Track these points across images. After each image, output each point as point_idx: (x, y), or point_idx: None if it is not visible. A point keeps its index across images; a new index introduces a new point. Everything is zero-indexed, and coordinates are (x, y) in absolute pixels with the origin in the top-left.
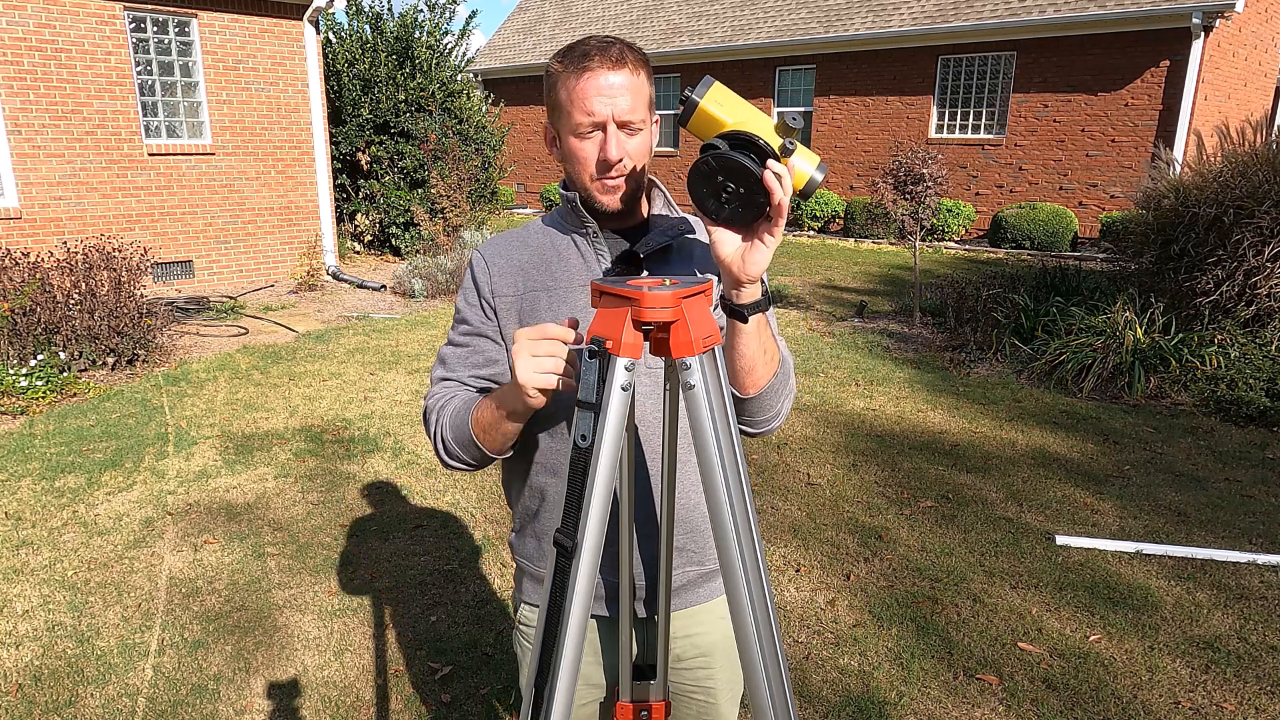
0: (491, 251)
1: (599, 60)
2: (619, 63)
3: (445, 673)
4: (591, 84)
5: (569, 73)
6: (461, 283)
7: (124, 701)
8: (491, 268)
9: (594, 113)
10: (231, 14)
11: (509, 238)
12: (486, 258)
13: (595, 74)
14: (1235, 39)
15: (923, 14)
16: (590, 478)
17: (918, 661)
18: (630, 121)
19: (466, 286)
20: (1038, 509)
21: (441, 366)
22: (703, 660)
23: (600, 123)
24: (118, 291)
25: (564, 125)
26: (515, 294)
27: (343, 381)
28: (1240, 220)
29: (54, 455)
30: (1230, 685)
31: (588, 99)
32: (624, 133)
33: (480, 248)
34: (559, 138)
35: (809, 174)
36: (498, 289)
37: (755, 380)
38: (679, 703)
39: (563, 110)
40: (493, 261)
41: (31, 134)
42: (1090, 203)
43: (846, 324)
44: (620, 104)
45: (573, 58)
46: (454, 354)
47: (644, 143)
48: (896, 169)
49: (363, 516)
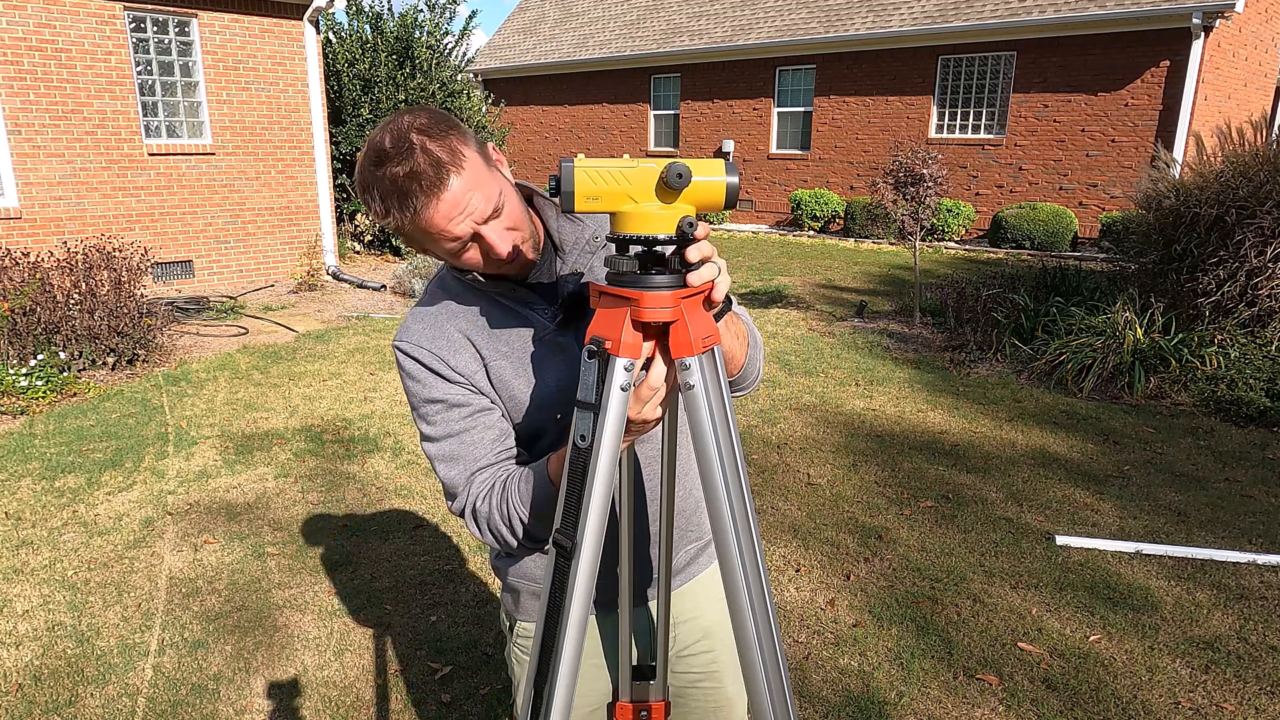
0: (420, 336)
1: (421, 192)
2: (439, 179)
3: (445, 673)
4: (435, 217)
5: (404, 216)
6: (407, 377)
7: (124, 701)
8: (437, 350)
9: (457, 237)
10: (231, 14)
11: (428, 314)
12: (422, 344)
13: (429, 206)
14: (1235, 39)
15: (923, 14)
16: (590, 478)
17: (918, 661)
18: (494, 210)
19: (420, 377)
20: (1038, 509)
21: (453, 465)
22: (705, 644)
23: (466, 237)
24: (118, 291)
25: (433, 250)
26: (478, 366)
27: (343, 381)
28: (1242, 220)
29: (54, 455)
30: (1230, 685)
31: (441, 231)
32: (494, 222)
33: (405, 339)
34: (433, 253)
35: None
36: (457, 368)
37: (737, 362)
38: (687, 695)
39: (422, 241)
40: (434, 345)
41: (31, 134)
42: (1090, 203)
43: (846, 324)
44: (474, 209)
45: (391, 198)
46: (461, 444)
47: (514, 208)
48: (896, 169)
49: (363, 516)
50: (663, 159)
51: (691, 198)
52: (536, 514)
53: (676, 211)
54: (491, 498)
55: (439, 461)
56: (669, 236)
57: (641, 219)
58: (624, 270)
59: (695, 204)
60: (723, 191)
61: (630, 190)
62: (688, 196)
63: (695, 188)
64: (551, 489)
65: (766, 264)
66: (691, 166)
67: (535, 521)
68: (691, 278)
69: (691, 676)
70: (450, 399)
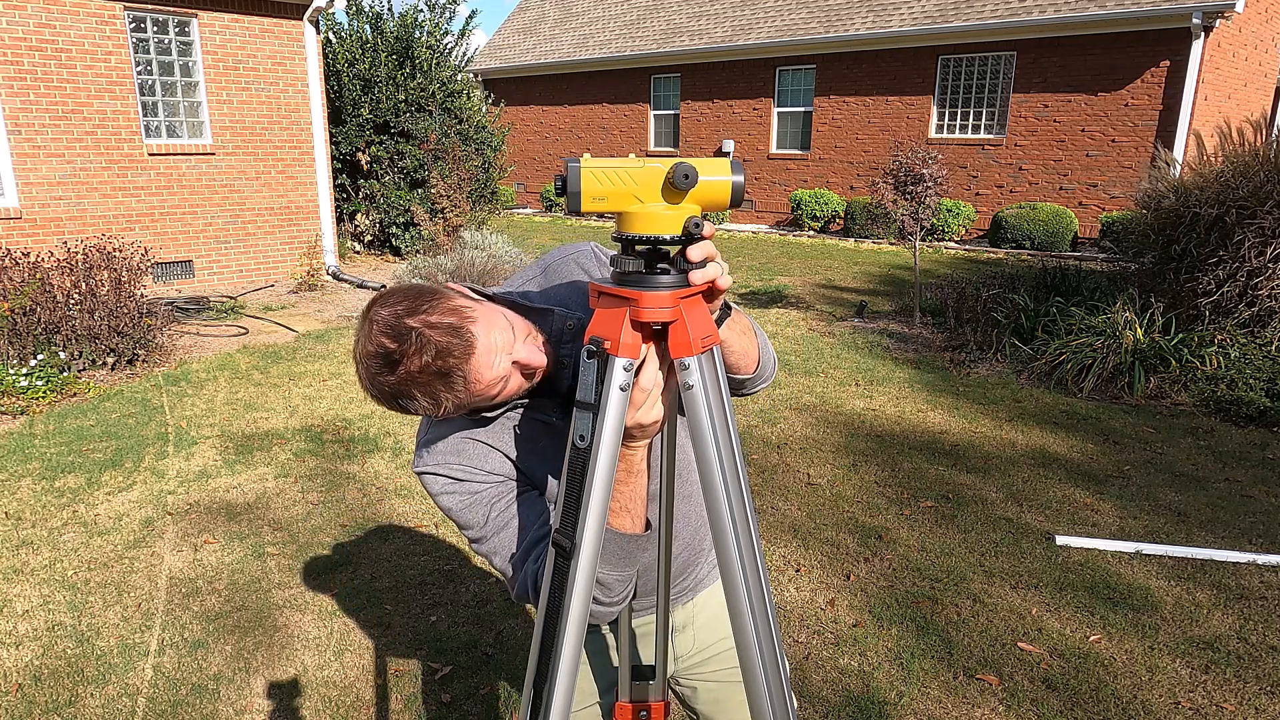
0: (444, 457)
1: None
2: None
3: (445, 673)
4: (484, 374)
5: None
6: (441, 495)
7: (124, 701)
8: (465, 463)
9: (504, 376)
10: (231, 14)
11: (442, 438)
12: (448, 462)
13: (475, 371)
14: (1235, 39)
15: (923, 14)
16: (589, 478)
17: (918, 661)
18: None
19: (453, 490)
20: (1038, 509)
21: (504, 553)
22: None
23: (510, 373)
24: (118, 291)
25: (482, 400)
26: (510, 466)
27: (343, 381)
28: (1242, 220)
29: (54, 455)
30: (1230, 685)
31: (491, 381)
32: (518, 343)
33: (427, 464)
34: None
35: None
36: (492, 469)
37: (749, 359)
38: (719, 690)
39: (472, 404)
40: (460, 461)
41: (31, 134)
42: (1090, 203)
43: (846, 324)
44: (503, 345)
45: (440, 387)
46: (509, 531)
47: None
48: (896, 169)
49: (363, 516)
50: (667, 159)
51: (698, 197)
52: (611, 564)
53: (683, 212)
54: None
55: (493, 557)
56: (675, 237)
57: (648, 219)
58: (629, 270)
59: (701, 204)
60: (728, 191)
61: (636, 190)
62: (694, 196)
63: (702, 187)
64: (619, 535)
65: (766, 264)
66: (697, 166)
67: (611, 573)
68: (694, 276)
69: (725, 672)
70: (487, 498)
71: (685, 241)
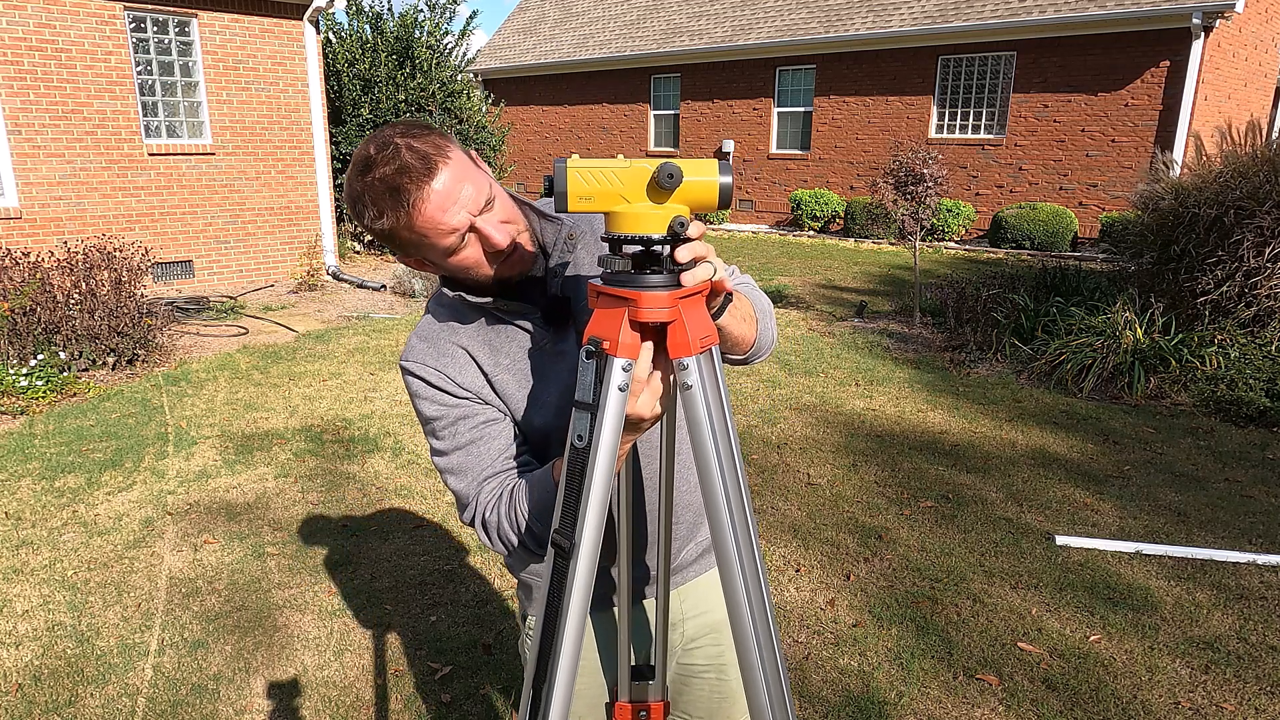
0: (424, 355)
1: (413, 184)
2: (429, 169)
3: (445, 673)
4: (429, 210)
5: (396, 217)
6: (415, 396)
7: (124, 701)
8: (441, 368)
9: (455, 229)
10: (231, 14)
11: (429, 334)
12: (427, 363)
13: (423, 198)
14: (1235, 39)
15: (923, 14)
16: (588, 478)
17: (918, 661)
18: (487, 201)
19: (426, 394)
20: (1038, 509)
21: (462, 477)
22: (712, 637)
23: (463, 229)
24: (118, 291)
25: (430, 255)
26: (483, 382)
27: (343, 381)
28: (1241, 221)
29: (54, 455)
30: (1230, 685)
31: (438, 225)
32: (488, 214)
33: (410, 359)
34: (431, 264)
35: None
36: (463, 383)
37: (749, 341)
38: (691, 685)
39: (420, 246)
40: (438, 363)
41: (31, 134)
42: (1090, 203)
43: (846, 324)
44: (466, 201)
45: (384, 200)
46: (469, 456)
47: (506, 202)
48: (896, 169)
49: (363, 516)
50: (658, 159)
51: (684, 197)
52: (544, 520)
53: (669, 211)
54: (500, 507)
55: (449, 475)
56: (662, 236)
57: (634, 219)
58: (618, 270)
59: (688, 204)
60: (715, 192)
61: (622, 190)
62: (680, 196)
63: (687, 187)
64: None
65: (766, 264)
66: (684, 166)
67: (544, 528)
68: (685, 278)
69: (697, 668)
70: (456, 414)
71: (673, 242)
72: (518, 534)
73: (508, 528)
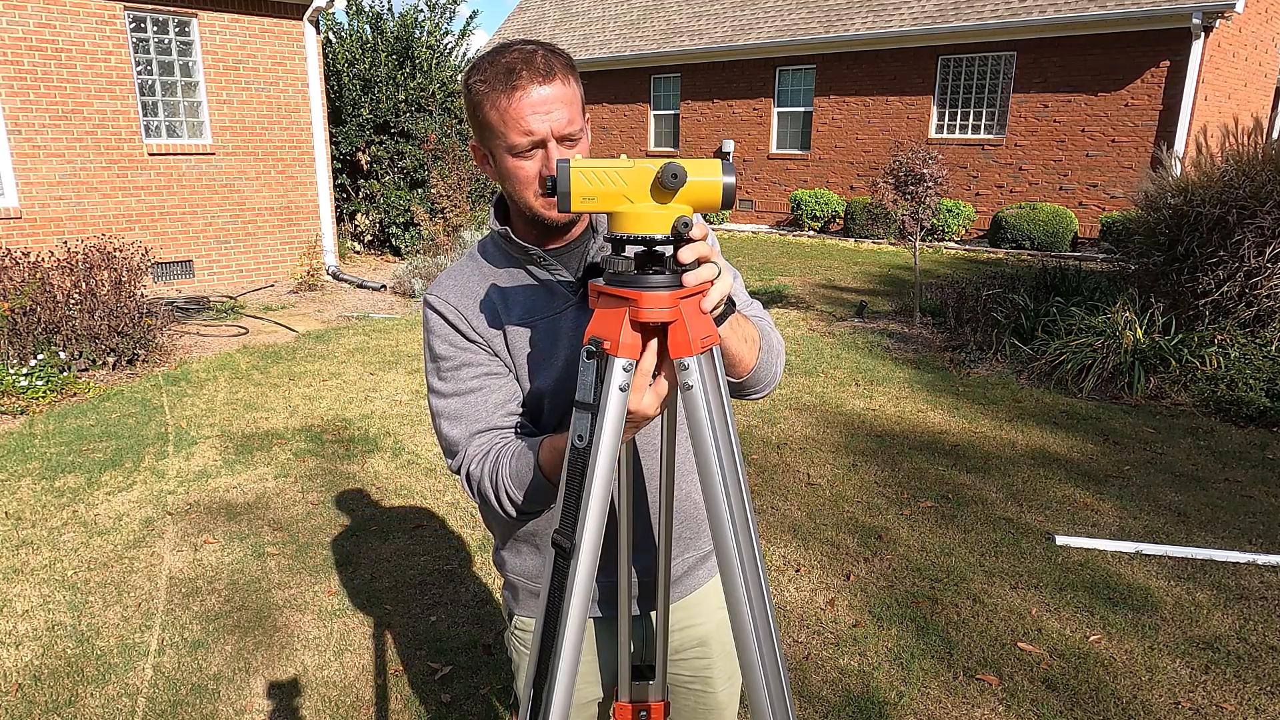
0: (449, 292)
1: (527, 75)
2: (548, 75)
3: (445, 673)
4: (525, 102)
5: (496, 92)
6: (429, 331)
7: (124, 701)
8: (462, 309)
9: (533, 131)
10: (232, 14)
11: (461, 273)
12: (449, 300)
13: (526, 90)
14: (1235, 39)
15: (923, 14)
16: (588, 479)
17: (918, 661)
18: (570, 134)
19: (440, 332)
20: (1038, 509)
21: (455, 423)
22: (699, 650)
23: (540, 140)
24: (118, 291)
25: (498, 145)
26: (497, 331)
27: (343, 381)
28: (1242, 220)
29: (54, 455)
30: (1230, 685)
31: (523, 118)
32: (564, 146)
33: (435, 292)
34: (493, 157)
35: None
36: (477, 328)
37: (745, 365)
38: (676, 694)
39: (494, 131)
40: (460, 303)
41: (31, 134)
42: (1090, 203)
43: (846, 324)
44: (557, 117)
45: (497, 74)
46: (466, 404)
47: (583, 153)
48: (896, 169)
49: (363, 516)
50: (661, 159)
51: (687, 198)
52: (520, 489)
53: (672, 211)
54: (485, 464)
55: (443, 418)
56: (665, 236)
57: (637, 219)
58: (620, 270)
59: (691, 204)
60: (719, 191)
61: (626, 190)
62: (683, 196)
63: (691, 188)
64: (542, 479)
65: (766, 264)
66: (687, 166)
67: (521, 498)
68: (687, 278)
69: (683, 678)
70: (463, 358)
71: (676, 242)
72: (495, 497)
73: (488, 486)
